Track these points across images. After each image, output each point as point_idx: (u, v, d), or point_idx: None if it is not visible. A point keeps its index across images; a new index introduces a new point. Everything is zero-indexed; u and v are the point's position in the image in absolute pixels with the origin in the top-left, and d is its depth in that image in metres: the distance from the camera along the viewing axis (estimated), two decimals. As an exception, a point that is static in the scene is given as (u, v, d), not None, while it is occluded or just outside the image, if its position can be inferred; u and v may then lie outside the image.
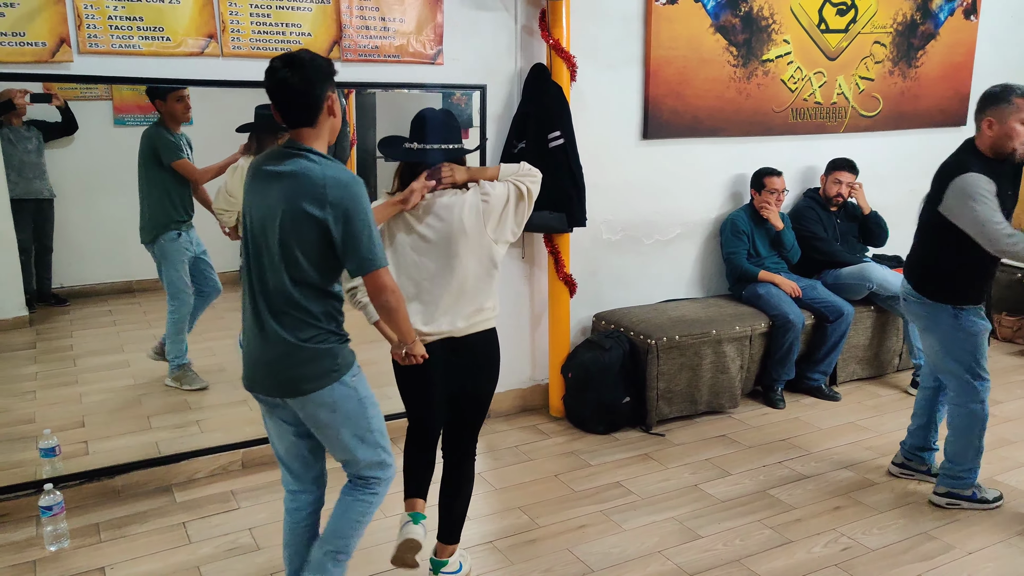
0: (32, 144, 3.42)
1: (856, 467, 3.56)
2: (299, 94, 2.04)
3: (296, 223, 2.04)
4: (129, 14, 2.96)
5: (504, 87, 3.80)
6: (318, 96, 2.06)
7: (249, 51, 3.18)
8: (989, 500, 3.18)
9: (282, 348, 2.12)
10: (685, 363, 3.95)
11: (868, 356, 4.62)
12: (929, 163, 5.25)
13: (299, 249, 2.06)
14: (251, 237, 2.15)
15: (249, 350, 2.21)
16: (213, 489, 3.31)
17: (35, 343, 3.69)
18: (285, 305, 2.10)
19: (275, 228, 2.06)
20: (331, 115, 2.12)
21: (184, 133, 3.54)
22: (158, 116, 3.43)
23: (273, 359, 2.14)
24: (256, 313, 2.15)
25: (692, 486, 3.39)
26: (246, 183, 2.16)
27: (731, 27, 4.28)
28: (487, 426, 3.98)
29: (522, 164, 2.60)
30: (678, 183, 4.37)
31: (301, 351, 2.12)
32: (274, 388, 2.19)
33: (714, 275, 4.64)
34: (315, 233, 2.04)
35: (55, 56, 2.87)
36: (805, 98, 4.65)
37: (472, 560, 2.83)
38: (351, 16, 3.35)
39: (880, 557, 2.86)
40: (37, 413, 3.47)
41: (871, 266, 4.45)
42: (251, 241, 2.14)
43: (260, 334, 2.15)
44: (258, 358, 2.18)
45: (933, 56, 5.06)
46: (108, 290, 3.82)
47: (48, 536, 2.86)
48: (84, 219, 3.63)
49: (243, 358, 2.24)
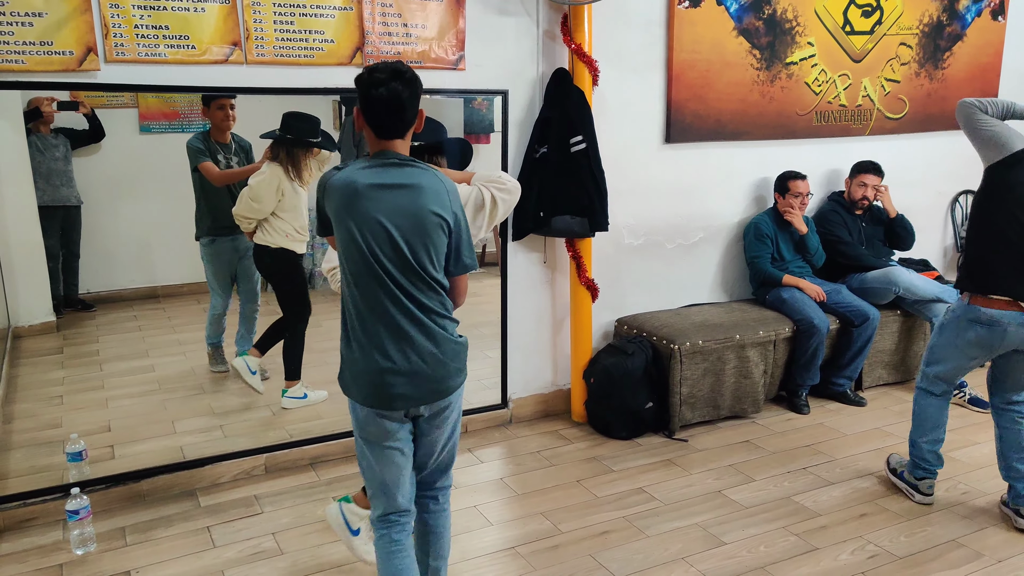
0: (60, 152, 3.47)
1: (882, 473, 3.51)
2: (407, 108, 2.11)
3: (431, 229, 2.11)
4: (155, 23, 2.99)
5: (526, 92, 3.80)
6: (417, 110, 2.16)
7: (273, 58, 3.21)
8: None
9: (431, 348, 2.16)
10: (708, 368, 3.92)
11: (894, 361, 4.56)
12: (956, 166, 5.23)
13: (433, 253, 2.13)
14: (373, 250, 2.10)
15: (389, 366, 2.14)
16: (237, 494, 3.33)
17: (62, 348, 3.73)
18: (423, 309, 2.15)
19: (407, 236, 2.10)
20: (418, 128, 2.21)
21: (234, 140, 3.62)
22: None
23: (426, 364, 2.15)
24: (394, 325, 2.12)
25: (716, 492, 3.36)
26: (346, 200, 2.11)
27: (754, 30, 4.25)
28: (509, 431, 3.98)
29: (502, 174, 2.62)
30: (701, 187, 4.35)
31: (449, 346, 2.19)
32: (429, 394, 2.18)
33: (737, 279, 4.61)
34: (443, 237, 2.14)
35: (82, 65, 2.91)
36: (830, 101, 4.60)
37: (496, 566, 2.83)
38: (374, 23, 3.37)
39: (908, 565, 2.82)
40: (64, 418, 3.51)
41: (897, 270, 4.39)
42: (371, 255, 2.10)
43: (402, 343, 2.13)
44: (407, 369, 2.14)
45: (960, 57, 4.99)
46: (133, 296, 3.86)
47: (75, 540, 2.89)
48: (110, 226, 3.68)
49: (373, 377, 2.15)
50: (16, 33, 2.80)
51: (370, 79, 2.07)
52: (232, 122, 3.56)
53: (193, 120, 3.59)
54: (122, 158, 3.60)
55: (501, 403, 4.04)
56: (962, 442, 3.82)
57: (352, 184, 2.10)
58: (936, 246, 5.36)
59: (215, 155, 3.55)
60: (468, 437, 3.90)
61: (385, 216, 2.10)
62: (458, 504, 3.25)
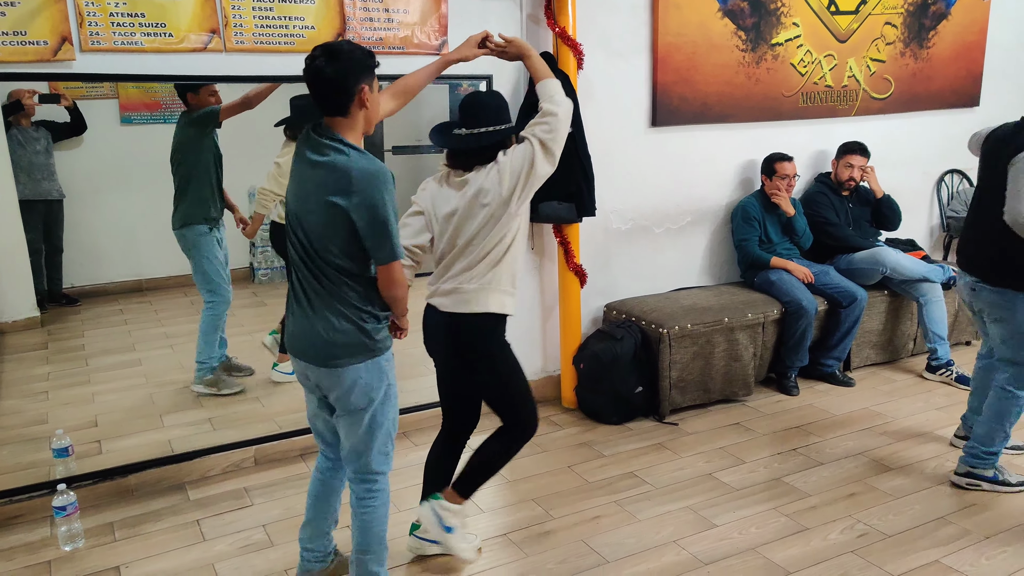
0: (41, 145, 3.42)
1: (871, 453, 3.53)
2: (330, 83, 2.08)
3: (327, 213, 2.10)
4: (131, 10, 2.94)
5: (510, 77, 3.76)
6: (350, 87, 2.09)
7: (252, 46, 3.16)
8: (1012, 483, 3.14)
9: (321, 324, 2.20)
10: (698, 352, 3.92)
11: (882, 341, 4.57)
12: (942, 145, 5.24)
13: (330, 238, 2.12)
14: (291, 220, 2.22)
15: (293, 320, 2.30)
16: (226, 486, 3.31)
17: (47, 344, 3.70)
18: (324, 301, 2.18)
19: (308, 216, 2.13)
20: (363, 107, 2.14)
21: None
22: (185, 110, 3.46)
23: (310, 331, 2.23)
24: (301, 290, 2.23)
25: (707, 475, 3.36)
26: (292, 165, 2.24)
27: (739, 11, 4.23)
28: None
29: (550, 100, 2.56)
30: (688, 170, 4.33)
31: (335, 330, 2.20)
32: (312, 358, 2.25)
33: (725, 262, 4.60)
34: (342, 222, 2.09)
35: (57, 55, 2.86)
36: (815, 82, 4.59)
37: (488, 554, 2.82)
38: (354, 8, 3.33)
39: (897, 543, 2.84)
40: (50, 414, 3.48)
41: (884, 250, 4.40)
42: (292, 224, 2.22)
43: (300, 308, 2.25)
44: (301, 330, 2.26)
45: (945, 36, 4.99)
46: (119, 289, 3.83)
47: (62, 536, 2.87)
48: (93, 219, 3.64)
49: (287, 328, 2.34)
50: (-11, 23, 2.76)
51: (306, 57, 2.11)
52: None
53: (175, 110, 3.55)
54: (104, 150, 3.57)
55: (491, 390, 4.03)
56: (949, 420, 3.84)
57: (295, 152, 2.20)
58: (923, 226, 5.38)
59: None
60: (458, 425, 3.89)
61: (294, 197, 2.17)
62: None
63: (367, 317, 2.22)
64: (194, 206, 3.53)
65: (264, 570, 2.74)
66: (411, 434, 3.78)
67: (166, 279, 3.92)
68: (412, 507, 3.11)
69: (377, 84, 2.21)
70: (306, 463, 3.49)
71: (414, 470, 3.43)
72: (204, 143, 3.49)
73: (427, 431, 3.81)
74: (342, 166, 2.08)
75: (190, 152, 3.47)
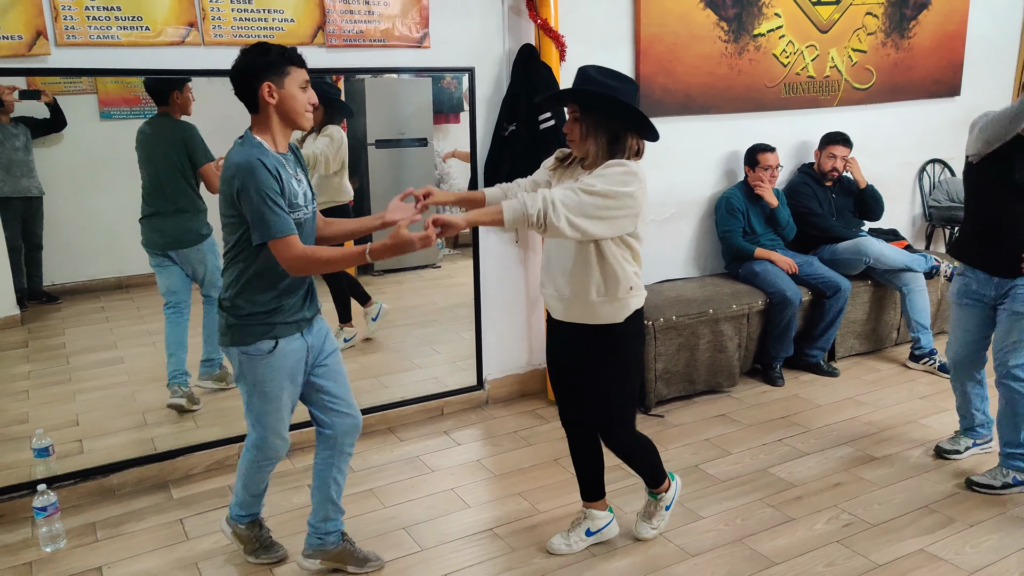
0: (20, 141, 3.38)
1: (856, 443, 3.54)
2: (233, 83, 2.25)
3: (221, 201, 2.29)
4: (106, 3, 2.89)
5: (493, 69, 3.74)
6: (249, 85, 2.23)
7: (231, 39, 3.12)
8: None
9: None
10: (683, 343, 3.92)
11: (866, 331, 4.59)
12: (923, 135, 5.26)
13: (226, 224, 2.31)
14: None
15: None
16: (210, 484, 3.28)
17: (27, 342, 3.65)
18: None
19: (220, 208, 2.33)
20: (269, 103, 2.23)
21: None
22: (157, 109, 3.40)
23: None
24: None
25: (692, 466, 3.37)
26: None
27: (721, 2, 4.22)
28: (486, 412, 3.96)
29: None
30: (671, 162, 4.32)
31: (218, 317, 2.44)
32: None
33: (710, 254, 4.61)
34: (228, 209, 2.27)
35: (32, 49, 2.81)
36: (798, 72, 4.59)
37: (474, 548, 2.81)
38: (335, 1, 3.29)
39: (882, 532, 2.85)
40: (30, 413, 3.44)
41: (867, 240, 4.42)
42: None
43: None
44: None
45: (926, 26, 5.00)
46: (100, 286, 3.79)
47: (44, 537, 2.84)
48: (74, 216, 3.59)
49: None
50: (-39, 18, 2.71)
51: None
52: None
53: (154, 106, 3.50)
54: (84, 146, 3.52)
55: (477, 384, 4.02)
56: (933, 409, 3.86)
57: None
58: (905, 216, 5.40)
59: None
60: (444, 419, 3.88)
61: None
62: (435, 487, 3.23)
63: (240, 300, 2.36)
64: (204, 214, 3.54)
65: (248, 569, 2.72)
66: (396, 429, 3.76)
67: (148, 276, 3.87)
68: (398, 502, 3.11)
69: (294, 81, 2.24)
70: (290, 460, 3.47)
71: (400, 465, 3.42)
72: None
73: (411, 427, 3.80)
74: (231, 154, 2.25)
75: (203, 158, 3.45)
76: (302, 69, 2.26)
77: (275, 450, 2.54)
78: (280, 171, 2.23)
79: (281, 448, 2.55)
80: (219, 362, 3.72)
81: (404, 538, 2.88)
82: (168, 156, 3.43)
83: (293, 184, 2.28)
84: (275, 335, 2.34)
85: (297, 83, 2.24)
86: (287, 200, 2.24)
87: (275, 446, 2.53)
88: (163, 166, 3.44)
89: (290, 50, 2.25)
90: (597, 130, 2.38)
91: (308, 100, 2.29)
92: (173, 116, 3.38)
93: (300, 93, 2.26)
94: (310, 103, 2.30)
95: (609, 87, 2.35)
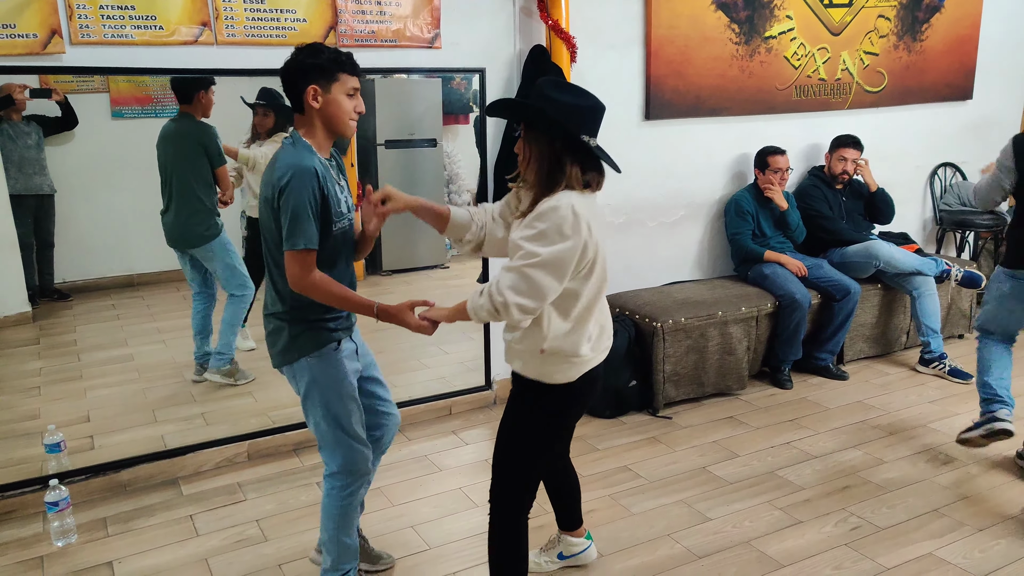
0: (32, 139, 3.40)
1: (865, 446, 3.53)
2: (282, 81, 2.20)
3: (261, 206, 2.23)
4: (121, 3, 2.92)
5: (503, 70, 3.75)
6: (296, 86, 2.17)
7: (244, 39, 3.14)
8: None
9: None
10: (691, 345, 3.92)
11: (875, 334, 4.58)
12: (935, 139, 5.25)
13: (267, 232, 2.23)
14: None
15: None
16: (219, 481, 3.30)
17: (38, 339, 3.68)
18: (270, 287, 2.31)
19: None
20: (312, 106, 2.17)
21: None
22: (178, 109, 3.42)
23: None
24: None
25: (700, 468, 3.37)
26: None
27: (733, 4, 4.22)
28: (494, 412, 3.96)
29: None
30: (681, 164, 4.33)
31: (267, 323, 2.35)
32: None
33: (719, 256, 4.60)
34: (266, 213, 2.20)
35: (47, 48, 2.84)
36: (809, 75, 4.59)
37: (482, 548, 2.82)
38: (346, 1, 3.31)
39: (890, 535, 2.84)
40: (42, 409, 3.46)
41: (877, 243, 4.40)
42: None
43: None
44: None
45: (938, 29, 4.99)
46: (110, 284, 3.81)
47: (55, 532, 2.86)
48: (85, 213, 3.62)
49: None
50: (-23, 16, 2.73)
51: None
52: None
53: (167, 104, 3.52)
54: (95, 145, 3.54)
55: (485, 384, 4.03)
56: (943, 413, 3.85)
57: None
58: (915, 219, 5.38)
59: None
60: (452, 419, 3.89)
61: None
62: (442, 486, 3.24)
63: (281, 309, 2.28)
64: (215, 213, 3.55)
65: (258, 565, 2.73)
66: (404, 428, 3.77)
67: (158, 274, 3.90)
68: (406, 501, 3.12)
69: (341, 87, 2.16)
70: (299, 458, 3.48)
71: (408, 464, 3.43)
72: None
73: (420, 426, 3.81)
74: (275, 155, 2.20)
75: (219, 160, 3.47)
76: (353, 76, 2.18)
77: (365, 461, 2.38)
78: (326, 177, 2.17)
79: (368, 456, 2.40)
80: (230, 357, 3.74)
81: (412, 536, 2.88)
82: (186, 155, 3.46)
83: (337, 191, 2.22)
84: (337, 337, 2.29)
85: (345, 90, 2.16)
86: (332, 208, 2.17)
87: (364, 456, 2.38)
88: (179, 165, 3.47)
89: (344, 55, 2.17)
90: (540, 155, 2.02)
91: (355, 108, 2.19)
92: (195, 116, 3.40)
93: (346, 100, 2.17)
94: (356, 111, 2.20)
95: (550, 101, 1.98)
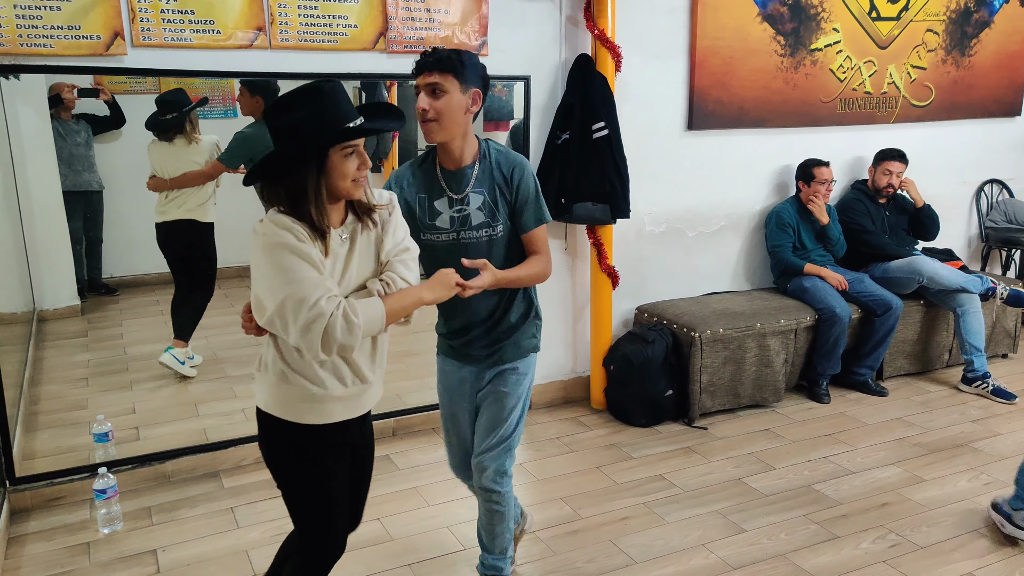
0: (81, 137, 3.49)
1: (905, 463, 3.49)
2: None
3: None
4: (181, 7, 3.00)
5: (548, 78, 3.78)
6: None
7: (297, 43, 3.21)
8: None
9: None
10: (729, 356, 3.91)
11: (916, 351, 4.52)
12: (982, 154, 5.17)
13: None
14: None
15: None
16: (259, 476, 3.35)
17: (87, 331, 3.78)
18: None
19: None
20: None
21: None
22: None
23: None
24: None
25: (735, 480, 3.35)
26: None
27: (779, 16, 4.21)
28: (529, 417, 3.97)
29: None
30: (723, 175, 4.32)
31: None
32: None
33: (759, 268, 4.58)
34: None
35: (109, 49, 2.93)
36: (854, 88, 4.56)
37: (517, 551, 2.84)
38: (397, 8, 3.37)
39: (930, 554, 2.81)
40: (89, 399, 3.56)
41: (921, 259, 4.35)
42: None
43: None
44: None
45: (988, 45, 4.92)
46: (156, 280, 3.90)
47: (102, 519, 2.93)
48: (132, 211, 3.71)
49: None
50: (44, 17, 2.83)
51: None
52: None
53: (215, 106, 3.61)
54: (144, 144, 3.62)
55: (521, 389, 4.05)
56: (985, 433, 3.79)
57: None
58: (960, 236, 5.31)
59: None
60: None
61: None
62: (478, 489, 3.26)
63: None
64: None
65: (296, 559, 2.77)
66: (441, 430, 3.80)
67: (201, 271, 3.98)
68: (442, 501, 3.15)
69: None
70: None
71: (444, 464, 3.46)
72: None
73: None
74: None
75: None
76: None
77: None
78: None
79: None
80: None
81: (447, 536, 2.92)
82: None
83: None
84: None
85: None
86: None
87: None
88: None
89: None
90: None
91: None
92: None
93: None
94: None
95: (280, 133, 1.76)
